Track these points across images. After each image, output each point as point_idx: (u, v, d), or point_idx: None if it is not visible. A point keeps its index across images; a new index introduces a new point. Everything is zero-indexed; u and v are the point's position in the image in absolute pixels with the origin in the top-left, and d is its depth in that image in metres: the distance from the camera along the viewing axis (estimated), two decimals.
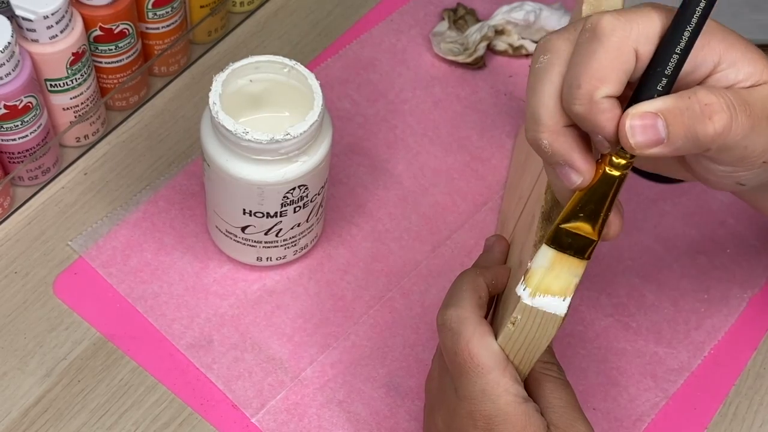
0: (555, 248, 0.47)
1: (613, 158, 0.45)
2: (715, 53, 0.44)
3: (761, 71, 0.44)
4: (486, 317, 0.53)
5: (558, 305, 0.47)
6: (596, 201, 0.45)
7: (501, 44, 0.79)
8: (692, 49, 0.43)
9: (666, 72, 0.43)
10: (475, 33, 0.78)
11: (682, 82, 0.44)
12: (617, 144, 0.44)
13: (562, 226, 0.46)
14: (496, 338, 0.50)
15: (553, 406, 0.50)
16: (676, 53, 0.43)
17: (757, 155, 0.45)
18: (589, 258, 0.47)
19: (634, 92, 0.44)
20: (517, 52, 0.80)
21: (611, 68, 0.42)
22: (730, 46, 0.44)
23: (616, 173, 0.45)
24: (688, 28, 0.42)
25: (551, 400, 0.51)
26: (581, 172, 0.45)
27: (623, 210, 0.48)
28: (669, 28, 0.43)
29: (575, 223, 0.46)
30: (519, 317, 0.48)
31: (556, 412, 0.50)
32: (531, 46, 0.79)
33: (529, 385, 0.52)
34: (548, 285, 0.47)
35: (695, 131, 0.43)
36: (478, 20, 0.80)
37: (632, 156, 0.44)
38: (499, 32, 0.79)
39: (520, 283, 0.47)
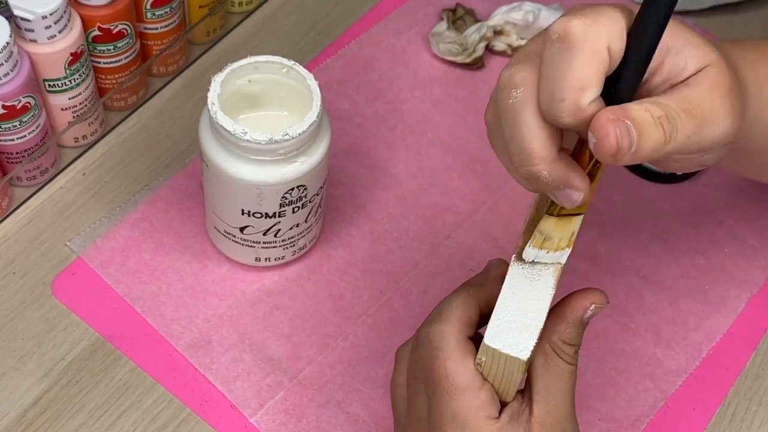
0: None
1: None
2: (663, 42, 0.44)
3: (704, 54, 0.45)
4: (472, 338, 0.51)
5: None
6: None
7: (500, 44, 0.79)
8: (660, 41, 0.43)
9: (639, 68, 0.44)
10: (473, 33, 0.78)
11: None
12: None
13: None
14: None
15: (547, 396, 0.48)
16: (647, 45, 0.43)
17: (715, 143, 0.45)
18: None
19: (615, 89, 0.44)
20: (516, 52, 0.80)
21: (591, 74, 0.43)
22: (675, 33, 0.45)
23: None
24: (656, 20, 0.43)
25: (550, 389, 0.48)
26: (581, 190, 0.45)
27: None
28: (637, 21, 0.43)
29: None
30: (484, 359, 0.47)
31: (548, 403, 0.48)
32: None
33: (537, 360, 0.49)
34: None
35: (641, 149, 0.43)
36: (476, 20, 0.80)
37: None
38: (497, 32, 0.79)
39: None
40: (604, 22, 0.43)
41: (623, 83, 0.44)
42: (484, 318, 0.51)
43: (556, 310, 0.48)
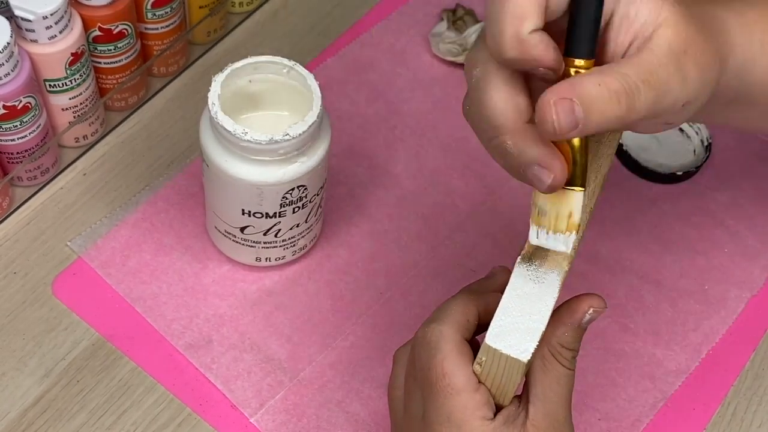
0: None
1: None
2: None
3: (657, 6, 0.44)
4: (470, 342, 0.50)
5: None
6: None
7: None
8: None
9: (590, 10, 0.43)
10: (474, 33, 0.78)
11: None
12: (560, 69, 0.43)
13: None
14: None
15: (544, 400, 0.48)
16: None
17: (672, 106, 0.44)
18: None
19: (571, 39, 0.43)
20: None
21: (527, 4, 0.42)
22: None
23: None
24: None
25: (548, 393, 0.48)
26: (549, 166, 0.43)
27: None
28: None
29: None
30: (484, 359, 0.47)
31: (544, 406, 0.48)
32: None
33: (536, 364, 0.49)
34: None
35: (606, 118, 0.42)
36: (477, 21, 0.80)
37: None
38: None
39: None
40: None
41: (578, 30, 0.43)
42: (481, 326, 0.51)
43: (554, 314, 0.48)
